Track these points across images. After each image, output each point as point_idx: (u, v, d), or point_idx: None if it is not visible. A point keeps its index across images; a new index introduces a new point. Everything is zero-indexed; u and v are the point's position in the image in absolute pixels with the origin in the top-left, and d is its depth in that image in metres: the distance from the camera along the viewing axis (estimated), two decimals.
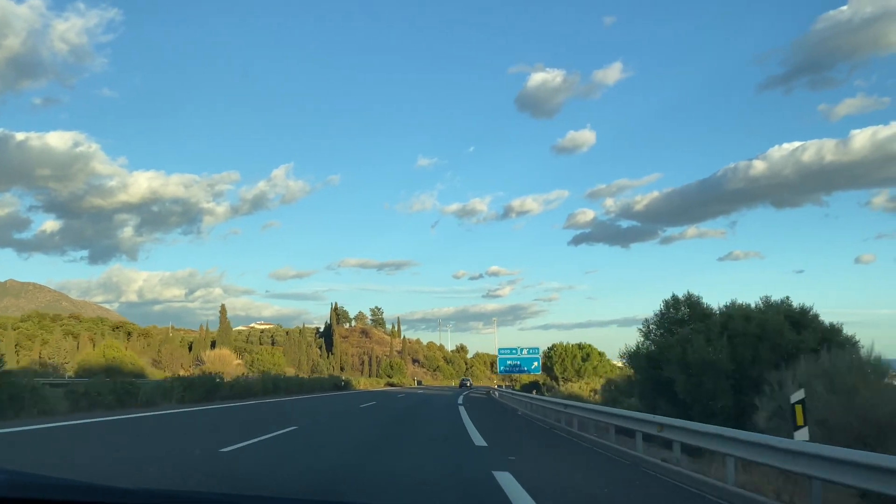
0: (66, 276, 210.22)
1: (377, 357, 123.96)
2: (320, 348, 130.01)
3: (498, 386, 67.35)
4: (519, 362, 40.48)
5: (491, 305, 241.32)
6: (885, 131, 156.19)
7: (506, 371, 42.51)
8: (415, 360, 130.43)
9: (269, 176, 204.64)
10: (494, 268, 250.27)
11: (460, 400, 32.37)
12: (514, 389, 41.59)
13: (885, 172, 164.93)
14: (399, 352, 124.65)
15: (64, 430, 12.75)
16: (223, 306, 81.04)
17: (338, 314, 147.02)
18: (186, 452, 9.78)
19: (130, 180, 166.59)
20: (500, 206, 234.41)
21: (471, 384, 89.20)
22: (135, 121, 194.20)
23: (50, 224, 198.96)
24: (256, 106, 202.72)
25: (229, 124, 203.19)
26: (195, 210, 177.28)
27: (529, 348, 41.54)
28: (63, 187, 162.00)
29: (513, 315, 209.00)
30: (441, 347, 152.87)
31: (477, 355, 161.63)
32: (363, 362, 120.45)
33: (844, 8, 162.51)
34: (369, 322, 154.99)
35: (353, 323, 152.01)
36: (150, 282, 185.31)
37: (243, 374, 51.78)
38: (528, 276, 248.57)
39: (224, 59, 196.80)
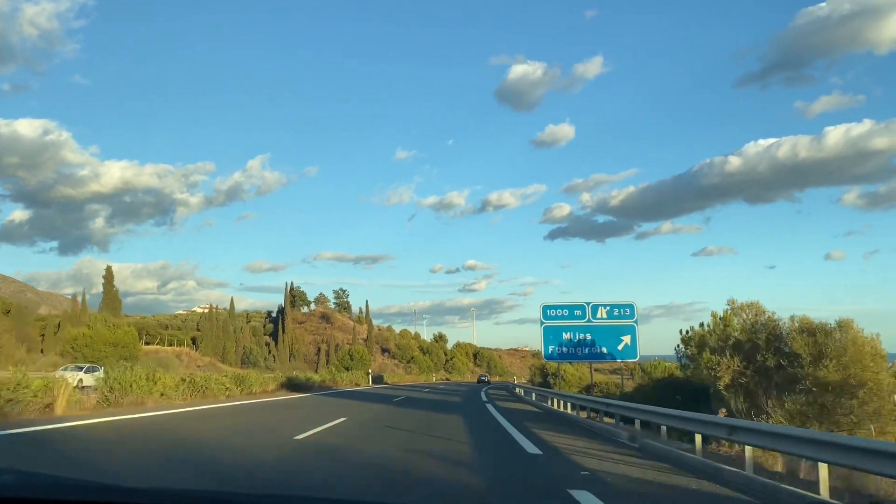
0: (35, 267, 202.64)
1: (337, 345, 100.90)
2: (269, 335, 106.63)
3: (516, 383, 44.56)
4: (589, 336, 18.05)
5: (467, 299, 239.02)
6: (858, 129, 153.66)
7: (560, 356, 19.78)
8: (384, 350, 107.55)
9: (245, 167, 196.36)
10: (471, 262, 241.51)
11: None
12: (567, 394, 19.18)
13: (856, 170, 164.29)
14: (365, 339, 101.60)
15: None
16: (108, 269, 57.44)
17: (294, 296, 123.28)
18: None
19: (102, 170, 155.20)
20: (477, 200, 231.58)
21: (488, 379, 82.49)
22: (108, 109, 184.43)
23: (18, 214, 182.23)
24: (233, 95, 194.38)
25: (205, 114, 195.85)
26: (168, 201, 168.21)
27: (614, 305, 18.90)
28: (32, 176, 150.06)
29: (488, 309, 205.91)
30: (416, 336, 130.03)
31: (457, 345, 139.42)
32: (320, 351, 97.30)
33: (823, 4, 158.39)
34: (332, 306, 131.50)
35: (314, 307, 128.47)
36: (122, 274, 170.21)
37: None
38: (505, 271, 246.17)
39: (200, 48, 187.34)
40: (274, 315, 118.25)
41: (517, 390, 36.56)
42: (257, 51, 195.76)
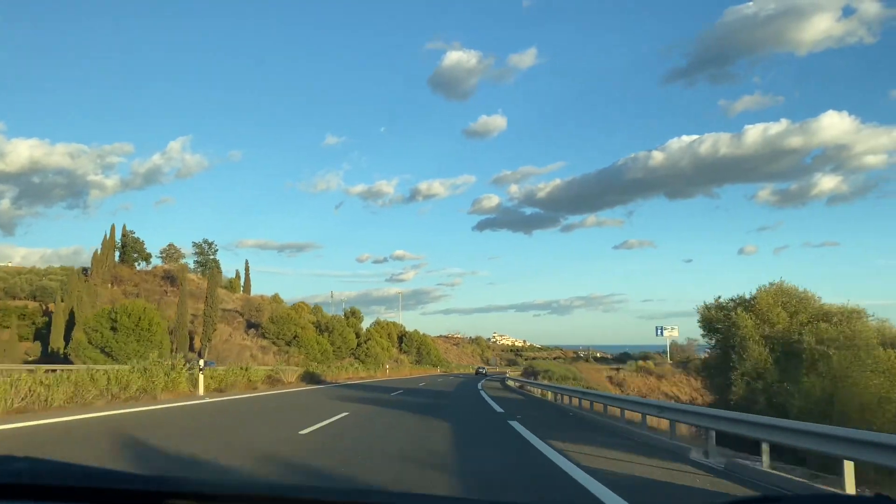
0: None
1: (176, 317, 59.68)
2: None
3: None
4: None
5: (394, 290, 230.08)
6: (775, 128, 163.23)
7: None
8: (252, 325, 66.77)
9: (165, 149, 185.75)
10: (399, 252, 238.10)
11: None
12: None
13: (771, 167, 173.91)
14: (206, 302, 60.08)
15: None
16: None
17: (124, 245, 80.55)
18: None
19: (9, 148, 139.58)
20: (406, 189, 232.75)
21: (486, 371, 78.02)
22: (15, 82, 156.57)
23: None
24: (154, 72, 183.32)
25: (124, 91, 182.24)
26: (81, 183, 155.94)
27: None
28: None
29: (415, 300, 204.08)
30: (316, 310, 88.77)
31: (377, 324, 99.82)
32: None
33: (750, 3, 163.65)
34: (190, 263, 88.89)
35: (160, 262, 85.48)
36: (30, 259, 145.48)
37: None
38: (433, 261, 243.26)
39: (120, 21, 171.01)
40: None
41: None
42: (181, 28, 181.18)
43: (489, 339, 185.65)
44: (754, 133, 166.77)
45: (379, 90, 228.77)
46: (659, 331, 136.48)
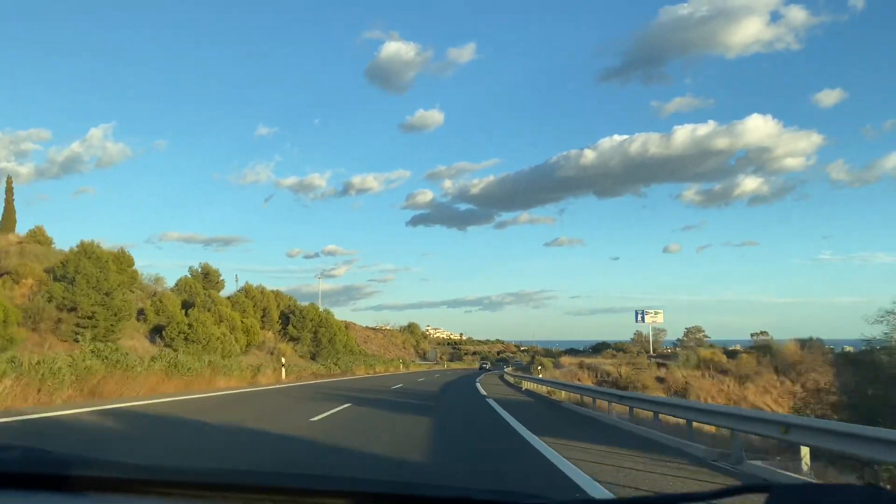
0: None
1: None
2: None
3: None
4: None
5: (325, 286, 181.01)
6: (703, 129, 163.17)
7: None
8: None
9: (85, 136, 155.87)
10: (331, 247, 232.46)
11: None
12: None
13: (698, 168, 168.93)
14: None
15: None
16: None
17: None
18: None
19: None
20: (339, 183, 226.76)
21: (489, 366, 74.93)
22: None
23: None
24: (75, 55, 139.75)
25: (42, 74, 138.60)
26: None
27: None
28: None
29: (346, 296, 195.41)
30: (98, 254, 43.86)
31: (245, 292, 56.27)
32: None
33: (685, 4, 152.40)
34: None
35: None
36: None
37: None
38: (365, 257, 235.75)
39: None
40: None
41: None
42: (104, 9, 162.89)
43: (425, 330, 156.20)
44: (683, 134, 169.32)
45: (314, 80, 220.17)
46: (639, 316, 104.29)
